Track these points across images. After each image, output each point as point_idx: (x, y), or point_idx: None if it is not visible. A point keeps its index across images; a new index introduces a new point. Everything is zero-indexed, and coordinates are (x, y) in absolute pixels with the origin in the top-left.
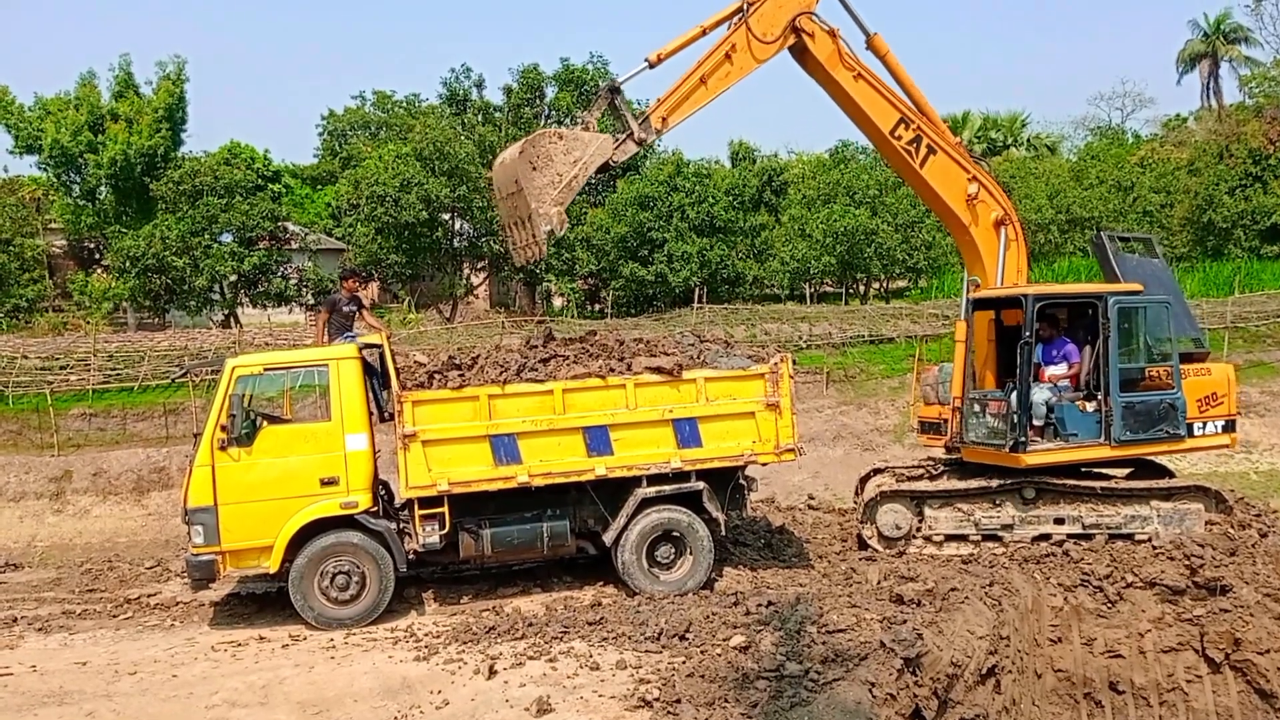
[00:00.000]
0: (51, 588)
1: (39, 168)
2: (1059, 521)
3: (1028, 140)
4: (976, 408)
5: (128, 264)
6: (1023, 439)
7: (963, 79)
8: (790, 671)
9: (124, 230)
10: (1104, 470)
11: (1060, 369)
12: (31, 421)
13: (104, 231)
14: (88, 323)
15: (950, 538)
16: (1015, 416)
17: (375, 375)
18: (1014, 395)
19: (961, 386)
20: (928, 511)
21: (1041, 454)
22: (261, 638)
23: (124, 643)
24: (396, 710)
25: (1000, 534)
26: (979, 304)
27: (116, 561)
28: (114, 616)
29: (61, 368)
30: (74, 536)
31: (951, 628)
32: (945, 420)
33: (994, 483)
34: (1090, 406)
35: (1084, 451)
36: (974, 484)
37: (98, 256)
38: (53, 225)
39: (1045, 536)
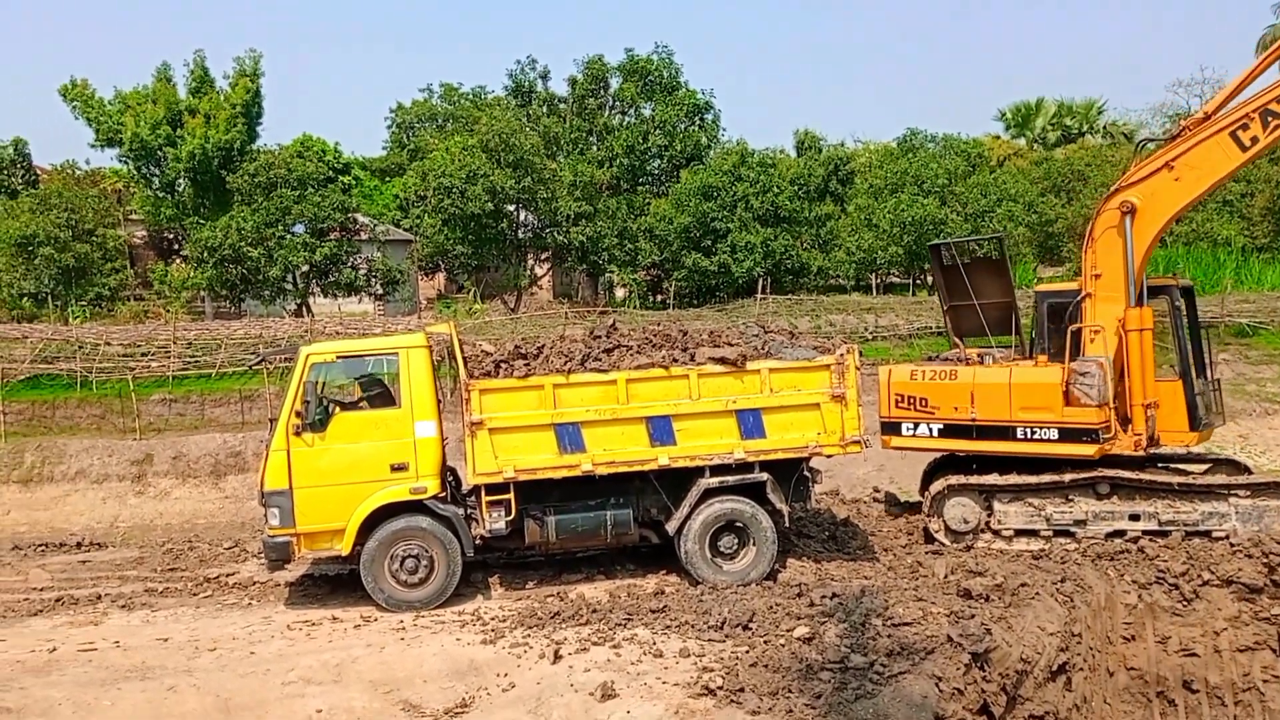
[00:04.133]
0: (134, 566)
1: (120, 160)
2: (1134, 518)
3: (1104, 128)
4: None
5: (205, 254)
6: None
7: (1037, 65)
8: (855, 664)
9: (202, 222)
10: (1180, 465)
11: None
12: (114, 406)
13: (182, 223)
14: (167, 311)
15: (1020, 533)
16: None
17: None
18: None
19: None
20: (997, 506)
21: None
22: (334, 618)
23: (204, 620)
24: (464, 691)
25: (1073, 529)
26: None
27: (196, 542)
28: (194, 595)
29: (143, 354)
30: (155, 517)
31: (1021, 624)
32: (1105, 423)
33: (1066, 477)
34: None
35: None
36: (1046, 478)
37: (176, 247)
38: (133, 216)
39: (1120, 533)
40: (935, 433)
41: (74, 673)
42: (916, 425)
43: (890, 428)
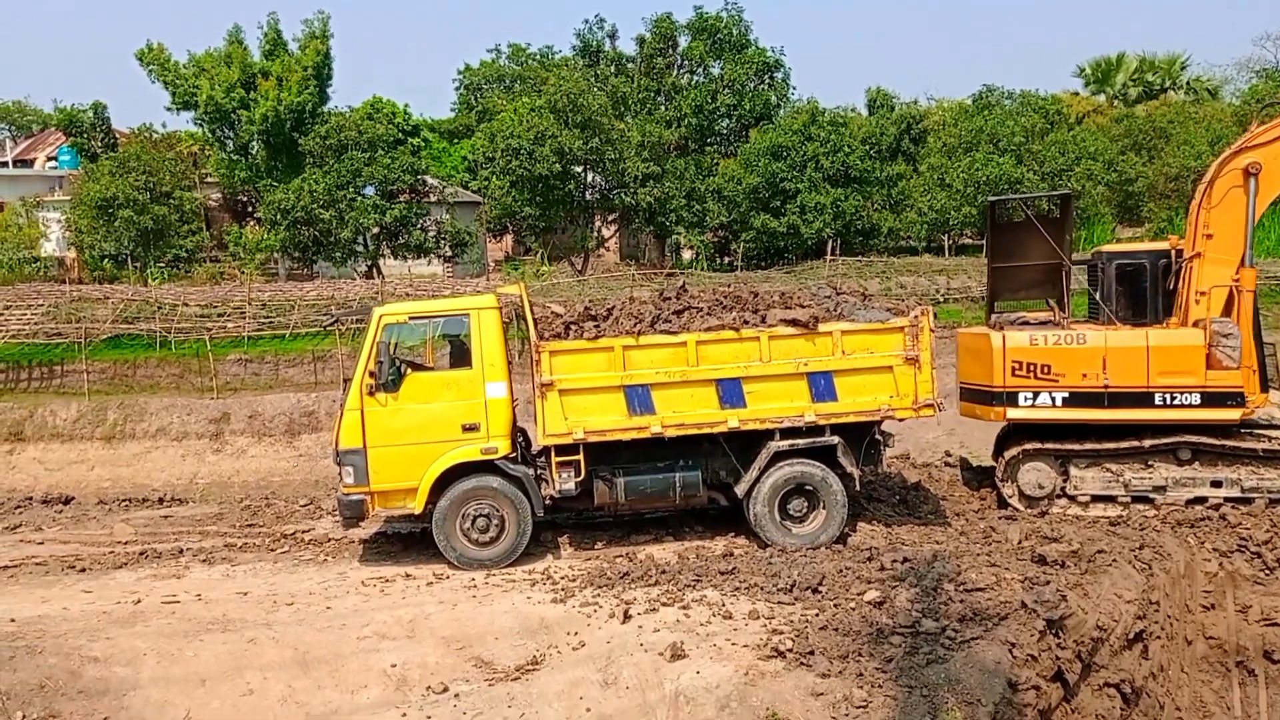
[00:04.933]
0: (214, 522)
1: (195, 123)
2: (1216, 484)
3: (1187, 84)
4: None
5: (278, 216)
6: None
7: (1118, 19)
8: (926, 628)
9: (275, 184)
10: (1264, 431)
11: None
12: (192, 366)
13: (256, 185)
14: (242, 273)
15: (1097, 498)
16: None
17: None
18: None
19: None
20: (1073, 471)
21: None
22: (407, 575)
23: (281, 575)
24: (535, 649)
25: (1151, 496)
26: None
27: (273, 499)
28: (272, 550)
29: (219, 315)
30: (232, 475)
31: (1098, 590)
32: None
33: (1146, 443)
34: None
35: None
36: (1125, 444)
37: (250, 209)
38: (209, 179)
39: (1200, 499)
40: (1059, 402)
41: (158, 624)
42: (1037, 394)
43: (1004, 398)
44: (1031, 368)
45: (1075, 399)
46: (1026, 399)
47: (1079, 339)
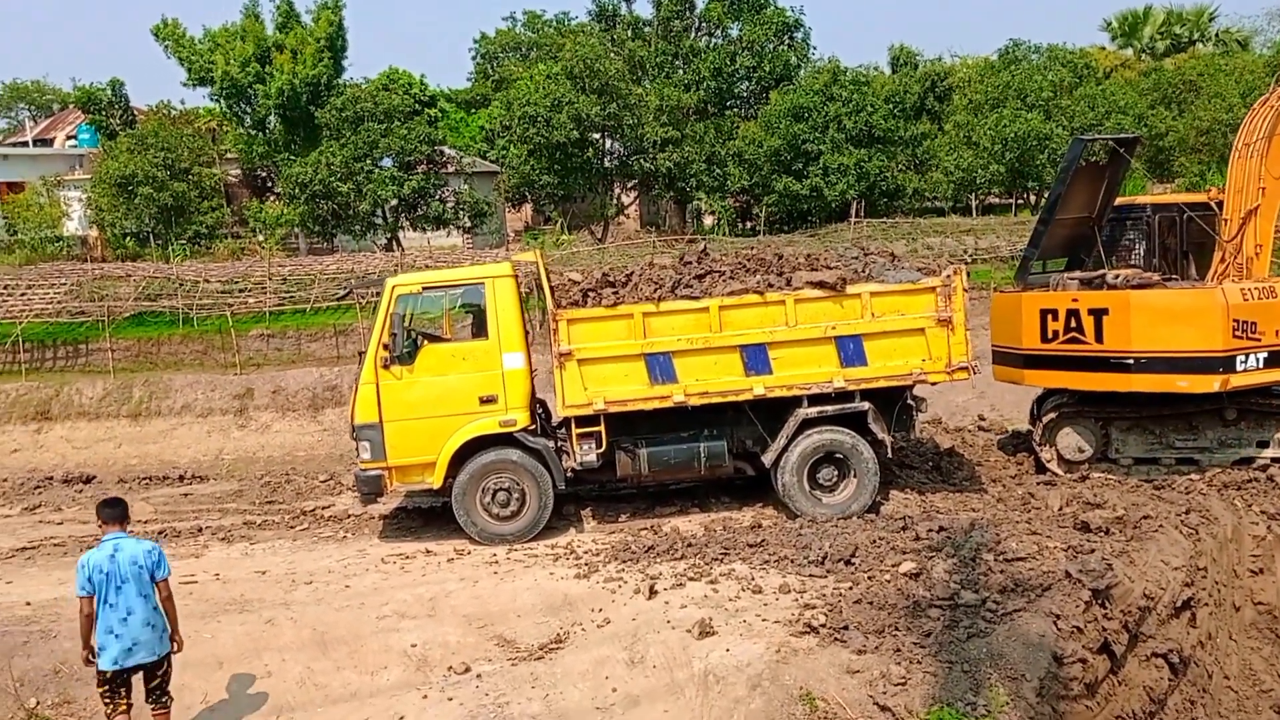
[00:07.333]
0: (233, 499)
1: (211, 99)
2: (1263, 445)
3: (1216, 35)
4: None
5: (297, 190)
6: None
7: None
8: (966, 600)
9: (292, 158)
10: None
11: None
12: (215, 342)
13: (274, 160)
14: (262, 248)
15: (1139, 461)
16: None
17: None
18: None
19: None
20: (1114, 434)
21: None
22: (428, 551)
23: (300, 553)
24: (559, 627)
25: (1196, 458)
26: None
27: (293, 475)
28: (291, 528)
29: (240, 290)
30: (257, 450)
31: (1144, 558)
32: None
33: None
34: None
35: None
36: (1168, 405)
37: (270, 184)
38: (228, 155)
39: (1248, 461)
40: (1261, 363)
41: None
42: (1247, 356)
43: (1228, 363)
44: (1245, 327)
45: (1273, 358)
46: (1241, 362)
47: (1270, 292)
